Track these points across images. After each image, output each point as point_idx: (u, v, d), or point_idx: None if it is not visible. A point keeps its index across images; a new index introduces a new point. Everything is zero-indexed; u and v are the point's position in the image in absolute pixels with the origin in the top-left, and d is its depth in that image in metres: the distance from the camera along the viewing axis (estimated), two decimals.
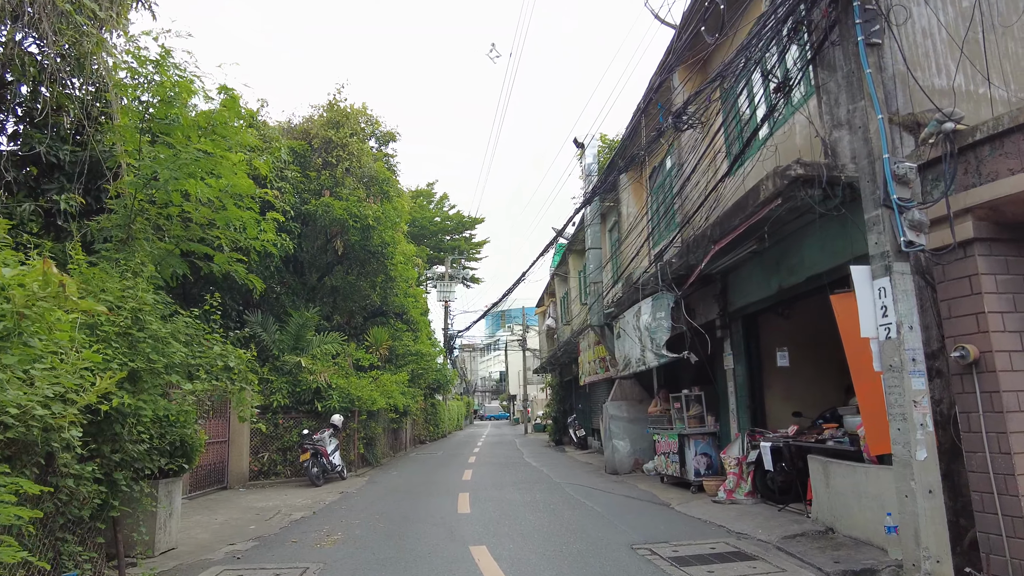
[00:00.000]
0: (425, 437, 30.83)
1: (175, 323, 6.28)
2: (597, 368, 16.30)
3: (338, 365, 17.40)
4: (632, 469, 14.12)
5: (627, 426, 14.31)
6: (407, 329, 25.71)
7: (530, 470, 16.06)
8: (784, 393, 10.14)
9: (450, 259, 41.16)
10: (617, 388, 14.58)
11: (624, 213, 14.96)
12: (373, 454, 18.35)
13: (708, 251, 8.37)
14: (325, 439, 14.72)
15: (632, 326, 12.33)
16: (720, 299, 10.22)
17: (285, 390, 15.30)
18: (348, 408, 16.19)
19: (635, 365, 12.32)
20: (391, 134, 23.26)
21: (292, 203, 15.87)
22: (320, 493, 12.67)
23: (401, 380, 20.45)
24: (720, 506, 9.14)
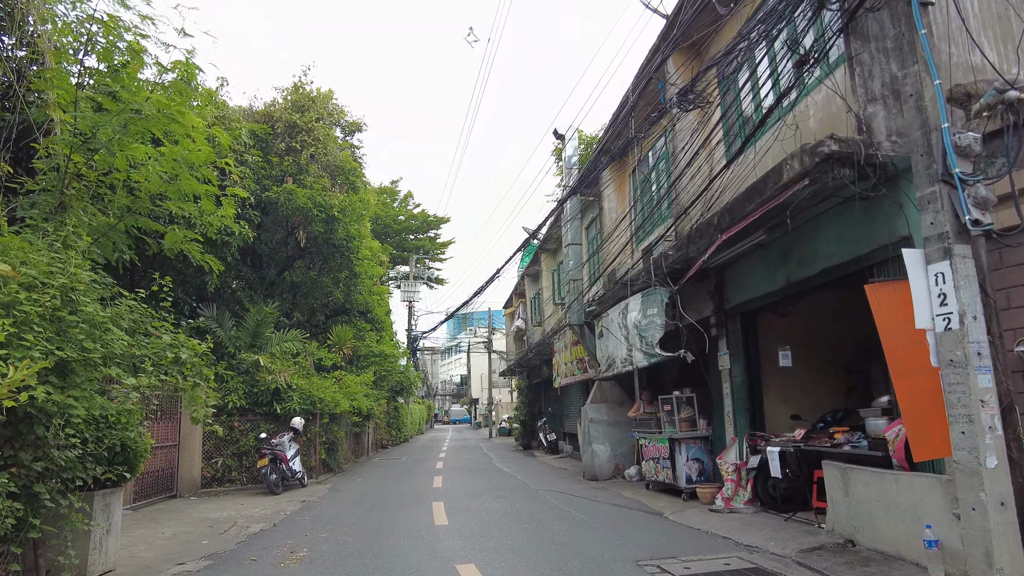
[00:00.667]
0: (387, 442, 29.72)
1: (117, 307, 5.32)
2: (574, 369, 15.64)
3: (299, 365, 16.33)
4: (612, 475, 13.48)
5: (607, 430, 13.67)
6: (371, 328, 24.64)
7: (503, 476, 15.28)
8: (780, 395, 9.63)
9: (415, 258, 40.10)
10: (596, 390, 13.94)
11: (606, 208, 14.36)
12: (335, 460, 17.31)
13: (713, 241, 7.77)
14: (284, 443, 13.69)
15: (617, 324, 11.70)
16: (715, 296, 9.65)
17: (242, 390, 14.19)
18: (309, 410, 15.16)
19: (620, 365, 11.69)
20: (357, 124, 22.23)
21: (252, 190, 14.78)
22: (279, 502, 11.64)
23: (366, 381, 19.42)
24: (719, 515, 8.54)
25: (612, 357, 12.18)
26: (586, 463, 13.76)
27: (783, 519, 7.85)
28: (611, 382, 14.03)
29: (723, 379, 9.69)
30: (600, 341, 13.03)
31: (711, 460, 10.15)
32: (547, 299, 21.97)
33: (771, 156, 7.18)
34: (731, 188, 8.16)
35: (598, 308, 13.10)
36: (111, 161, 5.75)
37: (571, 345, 15.75)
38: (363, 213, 19.26)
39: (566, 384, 16.67)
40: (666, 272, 9.35)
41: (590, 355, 14.10)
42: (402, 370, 29.31)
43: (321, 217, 16.50)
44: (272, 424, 14.64)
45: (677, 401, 10.24)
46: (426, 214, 46.84)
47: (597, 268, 15.55)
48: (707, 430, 10.21)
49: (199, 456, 13.35)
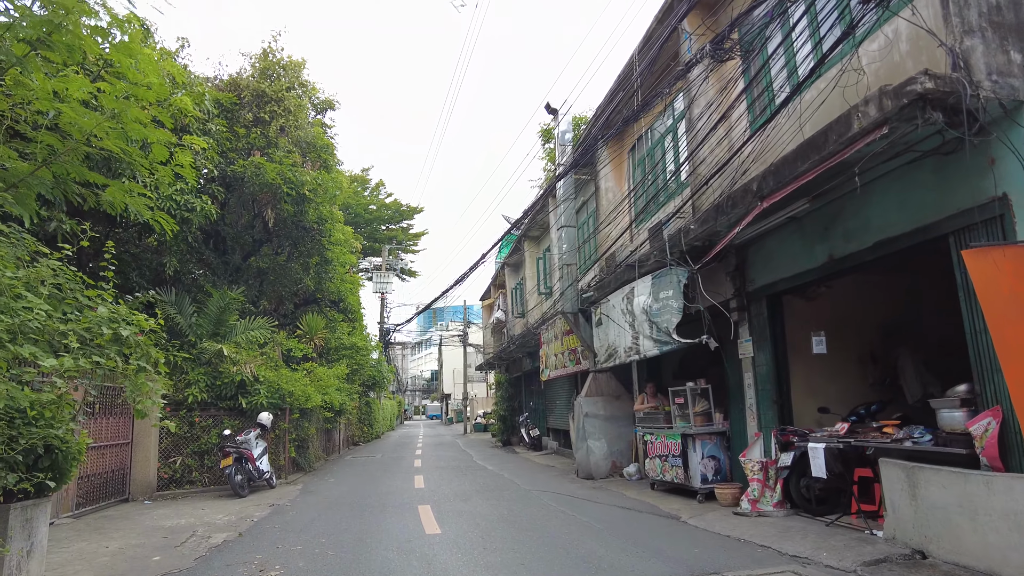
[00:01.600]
0: (359, 438, 28.40)
1: (36, 269, 4.13)
2: (566, 361, 14.67)
3: (266, 355, 15.03)
4: (609, 473, 12.54)
5: (603, 425, 12.73)
6: (343, 319, 23.34)
7: (489, 475, 14.24)
8: (805, 387, 8.76)
9: (387, 248, 38.70)
10: (592, 383, 12.98)
11: (603, 188, 13.39)
12: (306, 458, 16.05)
13: (750, 209, 6.83)
14: (251, 441, 12.43)
15: (620, 311, 10.74)
16: (736, 277, 8.74)
17: (203, 383, 12.87)
18: (278, 405, 13.90)
19: (623, 355, 10.73)
20: (329, 102, 20.83)
21: (216, 162, 13.42)
22: (245, 506, 10.42)
23: (339, 374, 18.17)
24: (747, 520, 7.63)
25: (613, 346, 11.21)
26: (580, 460, 12.79)
27: (824, 524, 6.96)
28: (607, 374, 13.08)
29: (744, 368, 8.79)
30: (598, 330, 12.06)
31: (728, 458, 9.26)
32: (531, 289, 20.96)
33: (825, 111, 6.26)
34: (772, 150, 7.22)
35: (596, 294, 12.13)
36: (31, 88, 4.51)
37: (562, 335, 14.77)
38: (336, 193, 17.96)
39: (555, 377, 15.70)
40: (685, 250, 8.40)
41: (585, 345, 13.13)
42: (374, 364, 28.01)
43: (291, 195, 15.18)
44: (237, 420, 13.35)
45: (692, 393, 9.32)
46: (399, 203, 45.39)
47: (591, 253, 14.60)
48: (723, 425, 9.31)
49: (155, 455, 12.00)
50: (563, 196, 13.52)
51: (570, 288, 13.21)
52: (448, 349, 59.60)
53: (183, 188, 11.92)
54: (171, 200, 11.71)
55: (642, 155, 12.33)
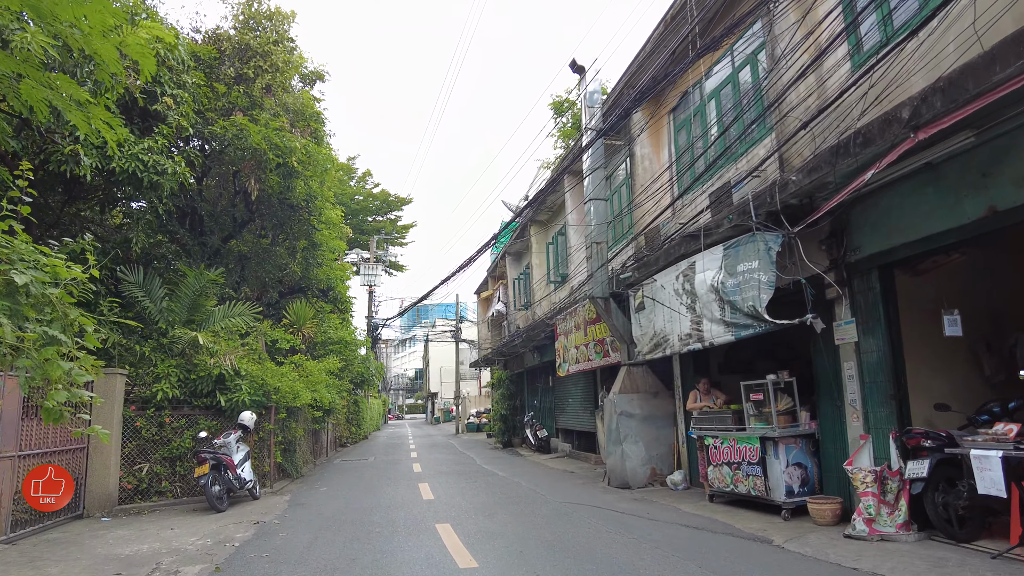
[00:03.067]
0: (347, 439, 26.54)
1: None
2: (590, 353, 13.01)
3: (248, 347, 13.20)
4: (648, 481, 10.91)
5: (640, 426, 11.10)
6: (332, 310, 21.49)
7: (503, 482, 12.54)
8: (913, 379, 7.17)
9: (376, 238, 36.79)
10: (626, 378, 11.34)
11: (639, 155, 11.75)
12: (293, 463, 14.22)
13: (896, 145, 5.22)
14: (231, 445, 10.63)
15: (673, 291, 9.11)
16: (832, 245, 7.14)
17: (175, 377, 11.01)
18: (262, 403, 12.09)
19: (678, 344, 9.10)
20: (318, 73, 18.93)
21: (192, 121, 11.54)
22: (224, 524, 8.62)
23: (331, 368, 16.35)
24: (868, 545, 6.03)
25: (662, 334, 9.58)
26: (613, 467, 11.15)
27: (990, 557, 5.36)
28: (643, 368, 11.46)
29: (843, 357, 7.19)
30: (639, 316, 10.43)
31: (817, 465, 7.66)
32: (539, 278, 19.29)
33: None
34: (915, 74, 5.61)
35: (636, 275, 10.49)
36: None
37: (586, 324, 13.12)
38: (327, 167, 16.12)
39: (575, 372, 14.05)
40: (780, 208, 6.77)
41: (617, 335, 11.49)
42: (362, 360, 26.15)
43: (277, 164, 13.34)
44: (215, 420, 11.52)
45: (774, 388, 7.69)
46: (387, 193, 43.48)
47: (623, 230, 12.97)
48: (810, 426, 7.71)
49: (116, 462, 10.13)
50: (592, 165, 11.86)
51: (600, 270, 11.56)
52: (436, 347, 57.75)
53: (151, 146, 10.06)
54: (136, 160, 9.85)
55: (689, 114, 10.71)
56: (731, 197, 8.24)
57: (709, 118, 10.08)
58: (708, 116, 10.14)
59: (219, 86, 12.59)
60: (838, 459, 7.28)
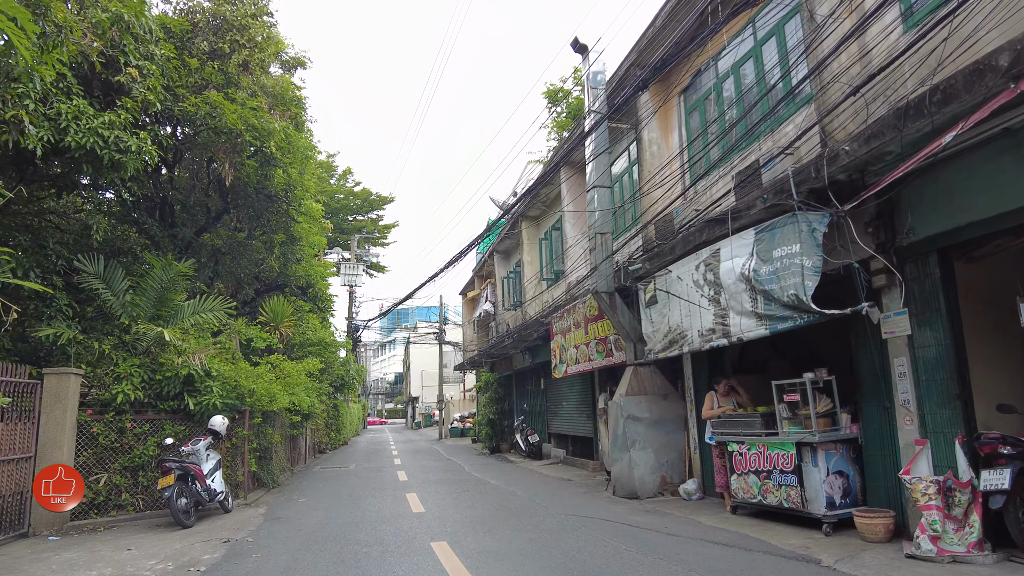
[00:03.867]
0: (326, 445, 25.42)
1: None
2: (591, 353, 12.17)
3: (221, 345, 12.15)
4: (659, 490, 10.09)
5: (648, 431, 10.28)
6: (312, 309, 20.42)
7: (497, 492, 11.64)
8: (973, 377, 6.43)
9: (357, 237, 35.68)
10: (632, 379, 10.52)
11: (646, 140, 10.96)
12: (269, 472, 13.17)
13: (988, 98, 4.46)
14: (200, 452, 9.61)
15: (692, 283, 8.32)
16: (879, 227, 6.39)
17: (139, 377, 9.95)
18: (235, 407, 11.07)
19: (698, 340, 8.30)
20: (299, 60, 17.90)
21: (161, 97, 10.49)
22: (191, 543, 7.62)
23: (311, 369, 15.31)
24: (939, 568, 5.26)
25: (679, 330, 8.78)
26: (619, 475, 10.31)
27: None
28: (650, 368, 10.66)
29: (891, 352, 6.43)
30: (649, 311, 9.62)
31: (859, 474, 6.89)
32: (530, 276, 18.44)
33: None
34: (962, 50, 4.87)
35: (646, 267, 9.69)
36: None
37: (587, 322, 12.28)
38: (307, 155, 15.14)
39: (575, 373, 13.20)
40: (827, 184, 6.00)
41: (623, 332, 10.67)
42: (343, 362, 25.06)
43: (255, 146, 12.33)
44: (183, 425, 10.48)
45: (812, 387, 6.90)
46: (368, 192, 42.43)
47: (630, 220, 12.19)
48: (852, 429, 6.94)
49: None
50: (596, 150, 11.05)
51: (605, 262, 10.74)
52: (417, 350, 56.63)
53: (112, 121, 9.02)
54: (95, 135, 8.80)
55: (703, 94, 9.95)
56: (760, 177, 7.47)
57: (726, 96, 9.33)
58: (725, 95, 9.39)
59: (191, 61, 11.55)
60: (885, 467, 6.52)
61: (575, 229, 14.78)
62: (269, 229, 16.35)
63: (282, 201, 14.80)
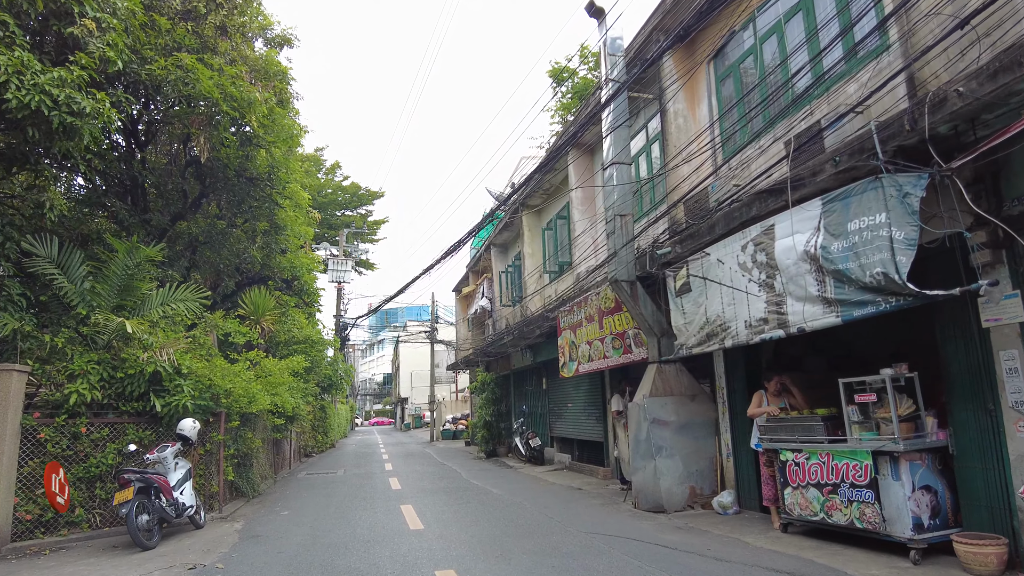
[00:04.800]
0: (312, 448, 24.10)
1: None
2: (607, 349, 11.03)
3: (194, 339, 10.89)
4: (688, 503, 8.99)
5: (676, 437, 9.17)
6: (297, 304, 19.13)
7: (503, 503, 10.48)
8: None
9: (345, 231, 34.38)
10: (656, 378, 9.41)
11: (672, 111, 9.86)
12: (248, 480, 11.92)
13: None
14: (166, 461, 8.40)
15: (739, 265, 7.22)
16: (982, 192, 5.30)
17: (97, 375, 8.70)
18: (209, 408, 9.85)
19: (745, 333, 7.20)
20: (286, 38, 16.65)
21: (125, 59, 9.22)
22: (147, 571, 6.40)
23: (294, 367, 14.06)
24: None
25: (720, 321, 7.67)
26: (642, 485, 9.19)
27: None
28: (675, 366, 9.55)
29: (996, 344, 5.35)
30: (683, 301, 8.51)
31: (948, 489, 5.80)
32: (532, 270, 17.30)
33: None
34: None
35: (677, 250, 8.58)
36: None
37: (602, 315, 11.15)
38: (293, 133, 13.89)
39: (586, 372, 12.05)
40: (928, 136, 4.90)
41: (646, 326, 9.56)
42: (331, 362, 23.78)
43: (233, 122, 11.10)
44: (148, 430, 9.25)
45: (893, 385, 5.80)
46: (357, 186, 41.12)
47: (649, 204, 11.09)
48: (939, 436, 5.85)
49: (10, 486, 7.80)
50: (614, 122, 9.93)
51: (625, 248, 9.62)
52: (407, 350, 55.31)
53: (63, 78, 7.77)
54: (42, 93, 7.55)
55: (738, 57, 8.86)
56: (821, 141, 6.38)
57: (767, 58, 8.24)
58: (764, 57, 8.30)
59: (161, 20, 10.28)
60: (988, 482, 5.43)
61: (584, 216, 13.67)
62: (251, 216, 15.10)
63: (265, 184, 13.56)
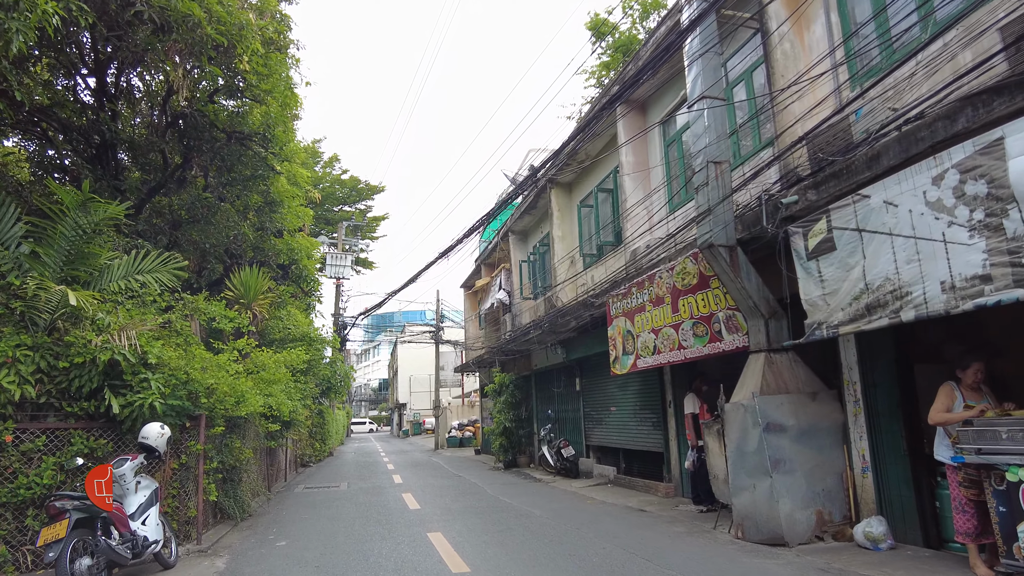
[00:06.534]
0: (309, 458, 21.83)
1: None
2: (685, 338, 8.86)
3: (169, 325, 8.68)
4: (815, 533, 6.83)
5: (794, 447, 7.02)
6: (295, 294, 16.92)
7: (554, 531, 8.30)
8: None
9: (344, 224, 32.18)
10: (766, 371, 7.27)
11: (775, 36, 7.75)
12: (236, 499, 9.67)
13: None
14: (125, 480, 6.22)
15: (929, 205, 5.11)
16: None
17: (32, 364, 6.50)
18: (185, 410, 7.64)
19: (943, 299, 5.07)
20: None
21: None
22: None
23: (295, 362, 11.84)
24: None
25: (892, 286, 5.53)
26: (750, 510, 7.04)
27: None
28: (788, 356, 7.43)
29: None
30: (820, 264, 6.37)
31: None
32: (563, 256, 15.15)
33: None
34: None
35: (807, 197, 6.47)
36: None
37: (677, 295, 8.99)
38: (292, 85, 11.70)
39: (652, 366, 9.87)
40: None
41: (750, 303, 7.44)
42: (330, 361, 21.53)
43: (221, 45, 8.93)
44: (104, 438, 7.05)
45: None
46: (356, 180, 39.00)
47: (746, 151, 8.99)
48: None
49: None
50: (703, 46, 7.81)
51: (722, 205, 7.49)
52: (405, 353, 53.06)
53: None
54: None
55: None
56: None
57: None
58: None
59: None
60: None
61: (634, 181, 11.55)
62: (242, 187, 12.92)
63: (258, 144, 11.38)
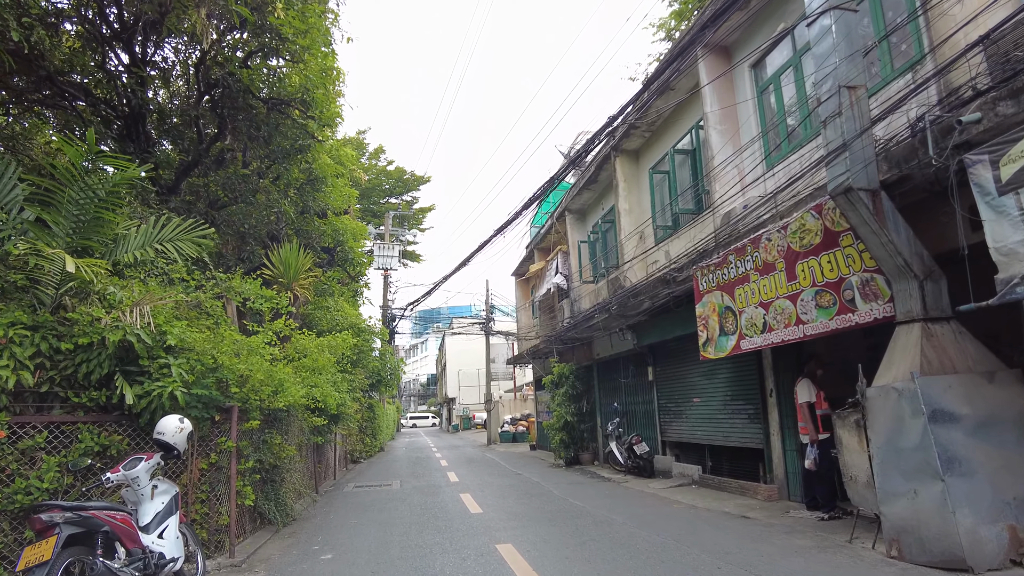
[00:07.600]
0: (360, 454, 20.92)
1: None
2: (805, 310, 7.30)
3: (197, 304, 7.61)
4: (1008, 556, 5.23)
5: (971, 442, 5.44)
6: (342, 280, 15.89)
7: (656, 548, 6.89)
8: None
9: (391, 213, 31.27)
10: (925, 346, 5.70)
11: None
12: (277, 503, 8.58)
13: None
14: (139, 483, 5.08)
15: None
16: None
17: (31, 347, 5.45)
18: (213, 401, 6.51)
19: None
20: None
21: None
22: None
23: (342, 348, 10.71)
24: None
25: None
26: (910, 522, 5.50)
27: None
28: (953, 327, 5.84)
29: None
30: (1021, 200, 4.77)
31: None
32: (632, 229, 13.65)
33: None
34: None
35: (995, 112, 4.87)
36: None
37: (794, 259, 7.44)
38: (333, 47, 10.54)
39: (756, 348, 8.34)
40: None
41: (897, 262, 5.86)
42: (380, 353, 20.52)
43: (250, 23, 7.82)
44: (118, 433, 5.97)
45: None
46: (402, 171, 38.13)
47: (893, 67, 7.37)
48: None
49: None
50: None
51: (860, 139, 5.93)
52: (453, 348, 52.28)
53: None
54: None
55: None
56: None
57: None
58: None
59: None
60: None
61: (724, 139, 9.99)
62: (282, 158, 11.86)
63: (297, 106, 10.26)
